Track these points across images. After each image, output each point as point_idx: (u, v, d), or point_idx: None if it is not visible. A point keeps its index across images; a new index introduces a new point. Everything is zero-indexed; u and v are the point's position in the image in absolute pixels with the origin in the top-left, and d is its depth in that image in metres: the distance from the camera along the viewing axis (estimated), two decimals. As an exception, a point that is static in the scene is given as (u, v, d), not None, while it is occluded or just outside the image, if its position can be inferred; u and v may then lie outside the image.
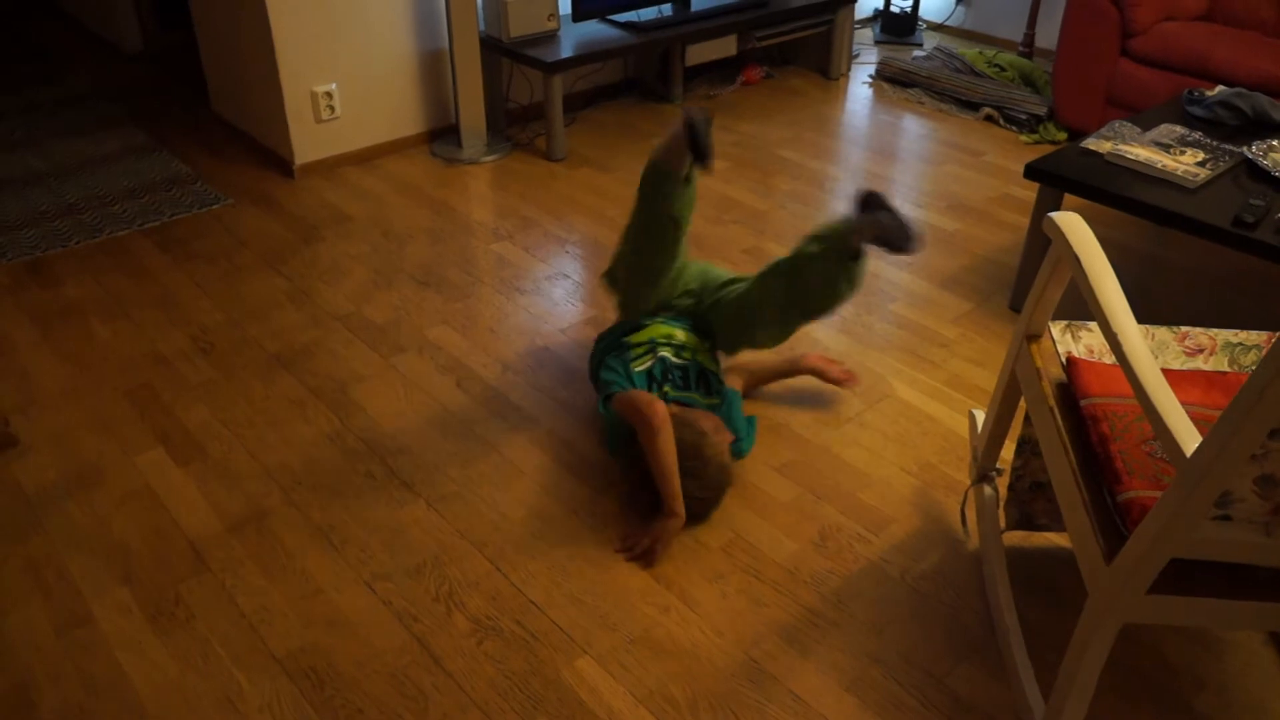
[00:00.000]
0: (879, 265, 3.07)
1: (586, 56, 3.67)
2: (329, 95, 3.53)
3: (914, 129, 4.08)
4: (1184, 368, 1.70)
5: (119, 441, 2.34)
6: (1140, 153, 2.59)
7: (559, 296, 2.91)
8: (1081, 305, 2.68)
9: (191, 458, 2.29)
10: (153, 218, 3.29)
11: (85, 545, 2.05)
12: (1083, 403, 1.59)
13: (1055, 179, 2.57)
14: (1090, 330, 1.79)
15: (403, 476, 2.23)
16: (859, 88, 4.49)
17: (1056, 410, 1.62)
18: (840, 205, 3.43)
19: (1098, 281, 1.48)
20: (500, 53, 3.74)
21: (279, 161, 3.65)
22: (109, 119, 4.03)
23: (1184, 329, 1.77)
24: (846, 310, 2.84)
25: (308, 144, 3.57)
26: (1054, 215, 1.64)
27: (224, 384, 2.53)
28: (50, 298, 2.88)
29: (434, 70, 3.77)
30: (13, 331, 2.72)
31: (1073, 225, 1.59)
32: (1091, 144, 2.69)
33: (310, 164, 3.60)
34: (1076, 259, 1.53)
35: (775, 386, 2.52)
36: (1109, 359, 1.72)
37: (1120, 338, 1.39)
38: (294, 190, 3.51)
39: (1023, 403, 1.82)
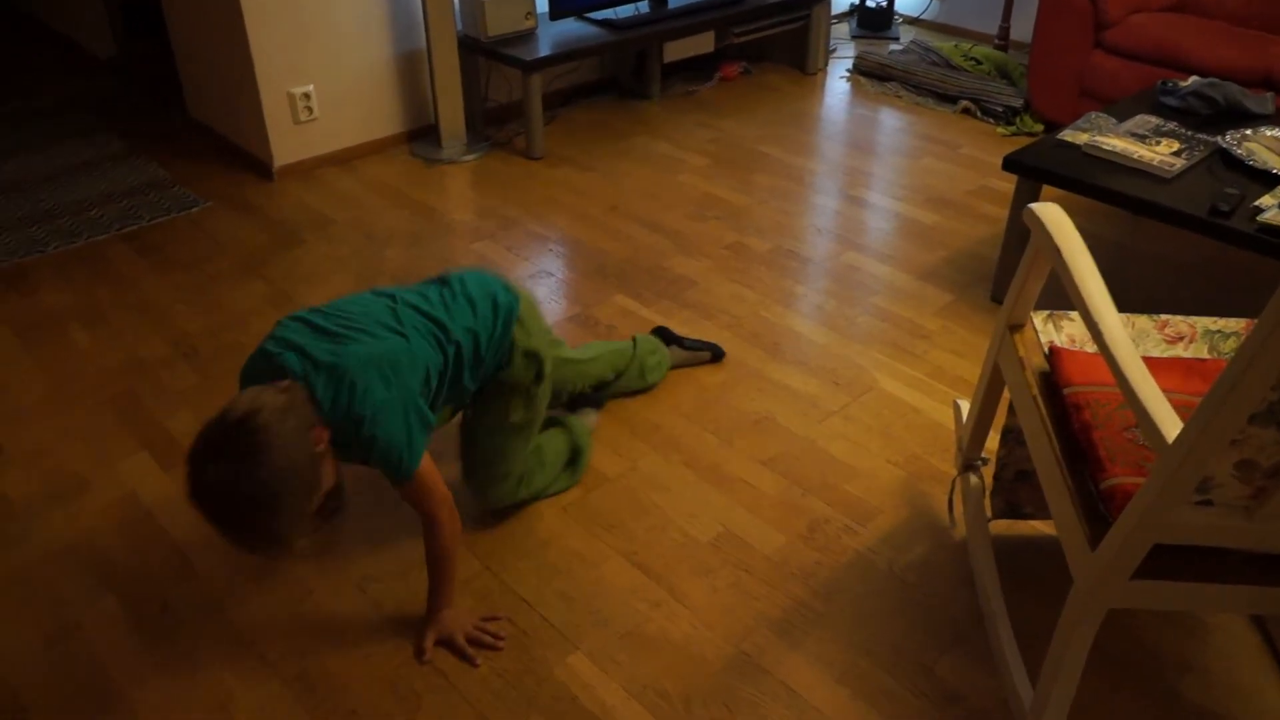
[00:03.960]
0: (860, 259, 3.08)
1: (564, 55, 3.67)
2: (306, 97, 3.51)
3: (891, 123, 4.10)
4: (1164, 355, 1.72)
5: (102, 449, 2.32)
6: (1117, 143, 2.62)
7: (543, 295, 2.91)
8: (1063, 295, 2.71)
9: (176, 463, 2.28)
10: (130, 222, 3.27)
11: (71, 555, 2.04)
12: (1065, 391, 1.61)
13: (1033, 171, 2.59)
14: (1072, 320, 1.81)
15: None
16: (836, 82, 4.51)
17: (1039, 399, 1.64)
18: (821, 199, 3.45)
19: (1078, 271, 1.50)
20: (478, 52, 3.74)
21: (257, 164, 3.63)
22: (84, 126, 3.99)
23: (1164, 317, 1.79)
24: (828, 304, 2.85)
25: (286, 146, 3.55)
26: (1034, 206, 1.66)
27: (207, 389, 2.52)
28: (28, 305, 2.85)
29: (412, 70, 3.76)
30: (-9, 340, 2.70)
31: (1052, 216, 1.61)
32: (1068, 135, 2.71)
33: (289, 166, 3.59)
34: (1057, 249, 1.55)
35: (756, 380, 2.53)
36: (1090, 348, 1.74)
37: (1101, 326, 1.41)
38: (272, 193, 3.50)
39: (1006, 392, 1.84)
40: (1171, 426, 1.27)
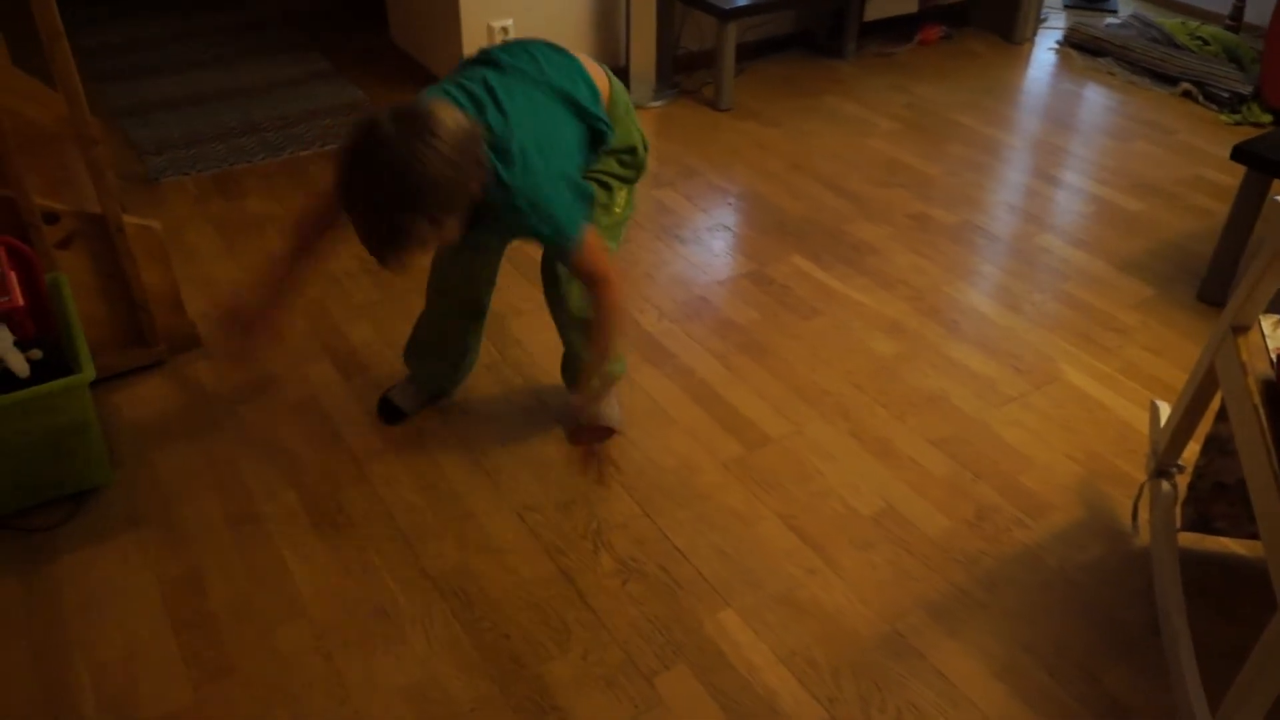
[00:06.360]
0: (1053, 241, 2.92)
1: (763, 5, 3.59)
2: (505, 30, 3.55)
3: (1101, 101, 3.85)
4: None
5: (291, 352, 2.44)
6: (1367, 141, 2.38)
7: (718, 248, 2.88)
8: None
9: (355, 373, 2.37)
10: (330, 141, 3.40)
11: (258, 447, 2.16)
12: (1292, 404, 1.48)
13: (1267, 163, 2.38)
14: (1306, 328, 1.66)
15: (555, 413, 2.26)
16: (1044, 54, 4.27)
17: (1261, 409, 1.51)
18: (1015, 175, 3.28)
19: (1329, 275, 1.37)
20: (675, -3, 3.70)
21: (450, 94, 3.70)
22: (293, 44, 4.17)
23: None
24: (1015, 286, 2.72)
25: (479, 78, 3.61)
26: (1282, 200, 1.51)
27: (387, 305, 2.61)
28: (235, 210, 3.01)
29: (608, 11, 3.76)
30: (200, 241, 2.86)
31: (1304, 212, 1.47)
32: (1310, 128, 2.49)
33: (480, 98, 3.65)
34: (1306, 249, 1.41)
35: (933, 356, 2.44)
36: (1324, 360, 1.59)
37: (1352, 338, 1.28)
38: (463, 123, 3.57)
39: (1215, 399, 1.71)
40: None
